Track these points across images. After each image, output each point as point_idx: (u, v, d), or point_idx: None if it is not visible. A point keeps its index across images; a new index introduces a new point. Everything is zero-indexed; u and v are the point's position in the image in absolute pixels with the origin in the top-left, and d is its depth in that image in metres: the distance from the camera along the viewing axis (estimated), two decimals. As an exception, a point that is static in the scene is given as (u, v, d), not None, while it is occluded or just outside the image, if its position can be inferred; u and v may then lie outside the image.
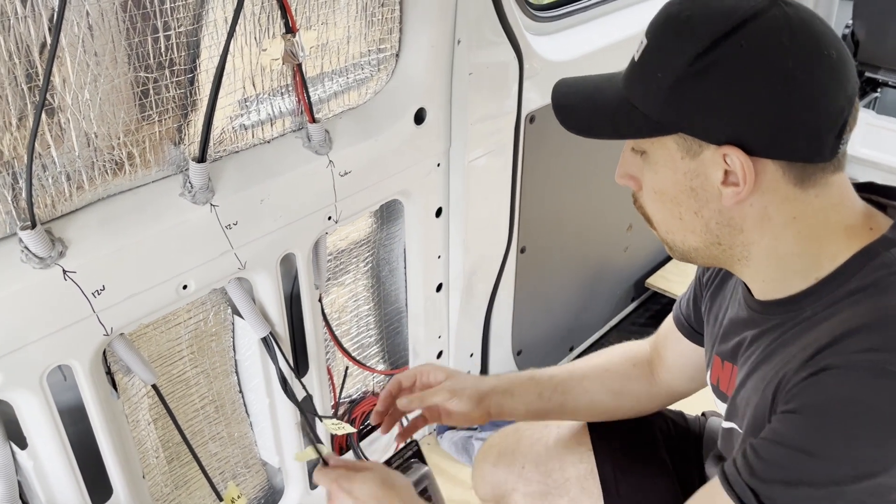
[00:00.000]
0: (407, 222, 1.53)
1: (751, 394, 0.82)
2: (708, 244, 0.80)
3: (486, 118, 1.52)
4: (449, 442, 1.76)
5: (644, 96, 0.76)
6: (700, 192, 0.77)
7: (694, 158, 0.75)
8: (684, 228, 0.80)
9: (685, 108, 0.73)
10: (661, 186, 0.79)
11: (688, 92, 0.72)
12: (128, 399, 1.19)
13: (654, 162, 0.79)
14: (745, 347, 0.86)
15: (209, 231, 1.12)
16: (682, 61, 0.72)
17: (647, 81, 0.75)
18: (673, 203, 0.79)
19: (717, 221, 0.78)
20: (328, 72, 1.27)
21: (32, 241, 0.94)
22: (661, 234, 0.85)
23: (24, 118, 0.91)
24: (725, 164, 0.73)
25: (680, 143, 0.75)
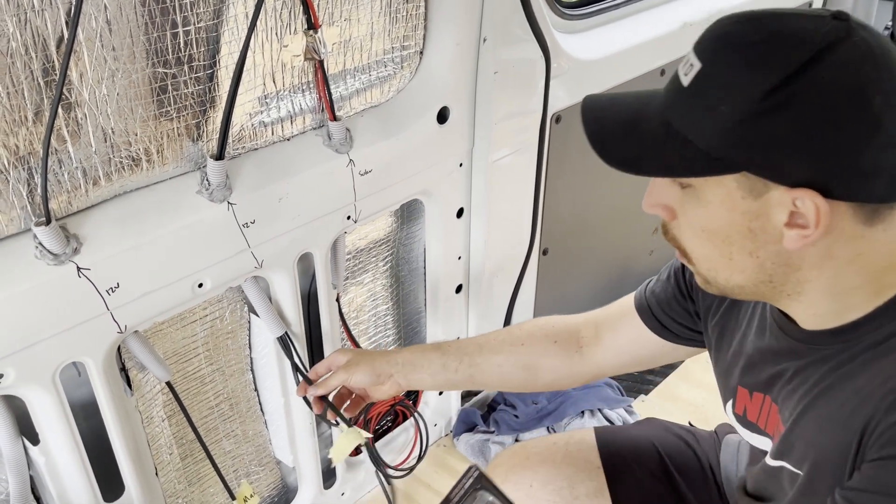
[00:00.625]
0: (427, 222, 1.51)
1: (812, 434, 0.76)
2: (757, 283, 0.75)
3: (511, 117, 1.49)
4: (465, 444, 1.74)
5: (701, 129, 0.68)
6: (759, 234, 0.70)
7: (757, 199, 0.68)
8: (732, 268, 0.74)
9: (754, 147, 0.66)
10: (712, 226, 0.72)
11: (758, 129, 0.65)
12: (142, 396, 1.19)
13: (703, 199, 0.72)
14: (788, 380, 0.81)
15: (226, 229, 1.11)
16: (753, 95, 0.64)
17: (706, 113, 0.67)
18: (724, 243, 0.73)
19: (774, 262, 0.72)
20: (350, 69, 1.24)
21: (47, 238, 0.93)
22: (702, 270, 0.78)
23: (40, 113, 0.90)
24: (794, 206, 0.67)
25: (742, 182, 0.68)
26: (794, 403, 0.80)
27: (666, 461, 1.15)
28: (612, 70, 1.71)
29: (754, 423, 0.89)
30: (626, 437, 1.19)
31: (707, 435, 1.20)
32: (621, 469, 1.15)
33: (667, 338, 1.04)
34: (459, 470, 1.72)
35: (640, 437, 1.19)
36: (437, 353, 1.14)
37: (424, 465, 1.70)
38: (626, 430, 1.23)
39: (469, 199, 1.54)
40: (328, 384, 1.14)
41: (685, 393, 1.95)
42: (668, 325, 1.03)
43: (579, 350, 1.12)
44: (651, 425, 1.24)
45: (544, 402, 1.76)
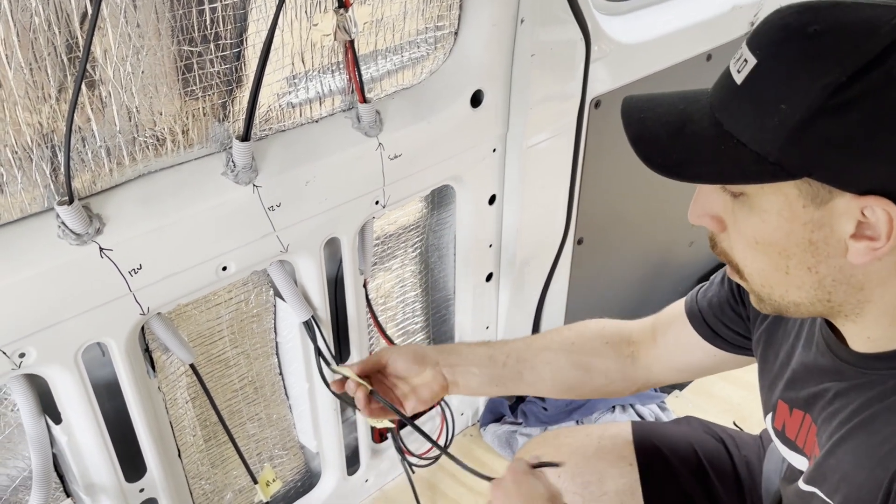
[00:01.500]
0: (458, 209, 1.47)
1: (847, 466, 0.71)
2: (814, 301, 0.68)
3: (548, 102, 1.44)
4: (492, 435, 1.71)
5: (756, 132, 0.62)
6: (821, 246, 0.64)
7: (820, 207, 0.62)
8: (788, 283, 0.68)
9: (817, 150, 0.60)
10: (768, 237, 0.66)
11: (822, 130, 0.59)
12: (166, 377, 1.18)
13: (758, 208, 0.65)
14: (829, 401, 0.75)
15: (251, 212, 1.09)
16: (817, 92, 0.58)
17: (761, 114, 0.61)
18: (781, 256, 0.66)
19: (835, 279, 0.66)
20: (382, 49, 1.21)
21: (69, 217, 0.92)
22: (755, 287, 0.72)
23: (63, 90, 0.88)
24: (862, 215, 0.61)
25: (804, 188, 0.62)
26: (832, 428, 0.74)
27: (704, 464, 1.10)
28: (655, 54, 1.64)
29: (792, 441, 0.84)
30: (663, 435, 1.15)
31: (751, 440, 1.14)
32: (656, 469, 1.11)
33: (718, 345, 0.98)
34: (485, 460, 1.70)
35: (679, 436, 1.15)
36: (484, 347, 1.09)
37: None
38: (664, 428, 1.18)
39: (502, 185, 1.50)
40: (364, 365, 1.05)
41: (721, 390, 1.89)
42: (720, 331, 0.97)
43: (632, 354, 1.07)
44: (691, 425, 1.19)
45: (574, 395, 1.72)
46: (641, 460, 1.12)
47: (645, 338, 1.07)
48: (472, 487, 1.63)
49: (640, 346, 1.07)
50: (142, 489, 1.16)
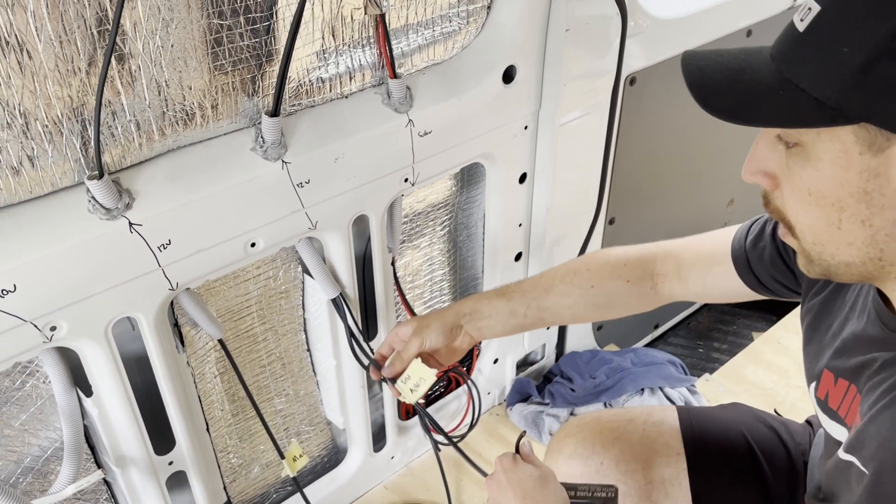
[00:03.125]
0: (488, 187, 1.45)
1: (886, 433, 0.69)
2: (866, 259, 0.67)
3: (582, 78, 1.41)
4: (518, 415, 1.71)
5: (817, 77, 0.61)
6: (876, 197, 0.63)
7: (877, 154, 0.61)
8: (840, 240, 0.67)
9: (878, 94, 0.59)
10: (822, 187, 0.65)
11: (885, 73, 0.58)
12: (194, 352, 1.19)
13: (814, 157, 0.64)
14: (875, 371, 0.74)
15: (280, 189, 1.08)
16: (882, 34, 0.57)
17: (823, 58, 0.61)
18: (834, 208, 0.65)
19: (888, 233, 0.64)
20: (413, 24, 1.18)
21: (100, 192, 0.92)
22: (806, 245, 0.71)
23: (93, 63, 0.88)
24: None
25: (861, 134, 0.61)
26: (875, 397, 0.72)
27: (757, 454, 1.08)
28: (693, 30, 1.59)
29: (834, 411, 0.82)
30: (712, 423, 1.12)
31: (800, 428, 1.11)
32: (706, 459, 1.08)
33: (760, 291, 0.98)
34: (511, 440, 1.68)
35: (729, 424, 1.12)
36: (503, 300, 1.10)
37: (476, 434, 1.67)
38: (712, 415, 1.15)
39: (533, 163, 1.47)
40: (404, 357, 1.08)
41: (752, 375, 1.86)
42: (767, 282, 0.96)
43: (654, 286, 1.07)
44: (739, 411, 1.16)
45: (602, 378, 1.70)
46: (689, 449, 1.09)
47: (669, 270, 1.06)
48: (498, 467, 1.63)
49: (664, 279, 1.06)
50: (171, 462, 1.17)
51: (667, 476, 1.07)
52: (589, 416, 1.20)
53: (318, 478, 1.49)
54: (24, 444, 1.07)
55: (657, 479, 1.07)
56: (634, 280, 1.07)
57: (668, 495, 1.07)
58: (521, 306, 1.09)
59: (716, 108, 0.67)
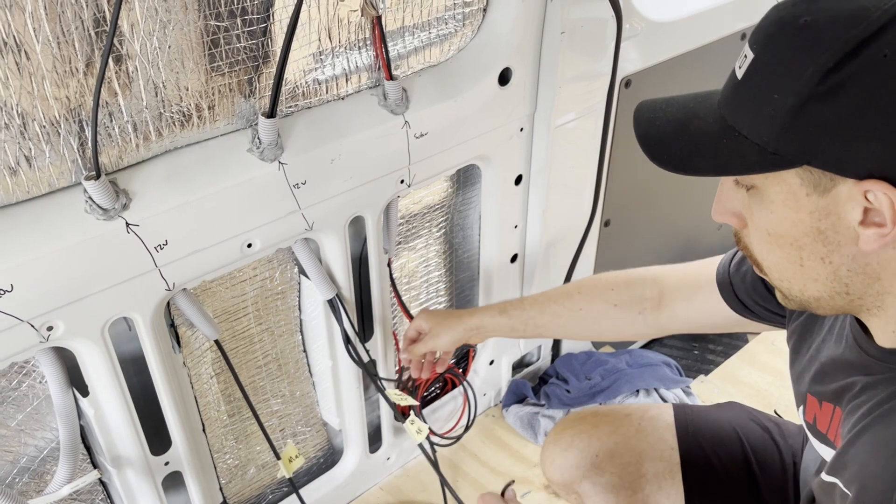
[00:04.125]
0: (484, 189, 1.46)
1: (865, 456, 0.71)
2: (833, 294, 0.68)
3: (577, 81, 1.41)
4: (514, 416, 1.71)
5: (755, 123, 0.63)
6: (830, 235, 0.64)
7: (823, 195, 0.62)
8: (805, 276, 0.68)
9: (812, 136, 0.60)
10: (778, 228, 0.67)
11: (815, 116, 0.59)
12: (191, 353, 1.19)
13: (767, 199, 0.66)
14: (856, 394, 0.75)
15: (276, 190, 1.08)
16: (806, 79, 0.59)
17: (758, 105, 0.62)
18: (792, 247, 0.67)
19: (849, 269, 0.65)
20: (409, 26, 1.19)
21: (97, 192, 0.92)
22: (774, 281, 0.73)
23: (90, 64, 0.88)
24: (867, 200, 0.60)
25: (805, 177, 0.62)
26: (855, 419, 0.74)
27: (748, 453, 1.09)
28: (688, 33, 1.60)
29: (823, 434, 0.83)
30: (707, 421, 1.14)
31: (795, 430, 1.13)
32: (698, 454, 1.10)
33: (747, 316, 1.00)
34: (507, 441, 1.70)
35: (723, 422, 1.14)
36: (505, 318, 1.19)
37: (472, 435, 1.68)
38: (707, 413, 1.18)
39: (529, 165, 1.48)
40: (415, 352, 1.24)
41: (747, 376, 1.86)
42: (751, 306, 0.98)
43: (642, 313, 1.11)
44: (734, 410, 1.18)
45: (598, 379, 1.70)
46: (683, 445, 1.11)
47: (654, 295, 1.10)
48: (494, 468, 1.63)
49: (651, 304, 1.10)
50: (167, 462, 1.17)
51: (660, 469, 1.09)
52: (587, 411, 1.22)
53: (314, 479, 1.50)
54: (21, 445, 1.07)
55: (650, 473, 1.09)
56: (622, 304, 1.12)
57: (661, 488, 1.08)
58: (520, 323, 1.19)
59: (663, 161, 0.69)
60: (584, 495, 1.14)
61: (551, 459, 1.18)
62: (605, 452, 1.12)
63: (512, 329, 1.19)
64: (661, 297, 1.09)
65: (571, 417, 1.21)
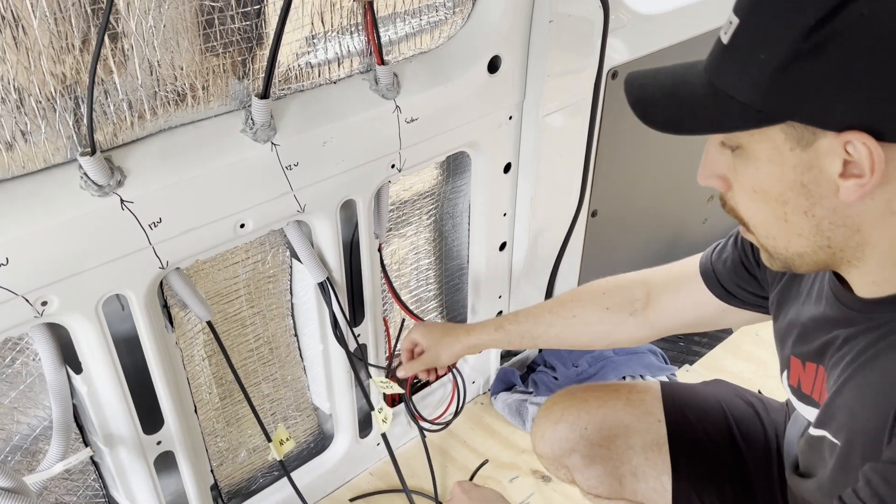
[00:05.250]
0: (473, 176, 1.48)
1: (852, 403, 0.73)
2: (816, 248, 0.71)
3: (565, 70, 1.44)
4: (503, 404, 1.73)
5: (741, 83, 0.66)
6: (812, 188, 0.67)
7: (806, 149, 0.65)
8: (790, 231, 0.71)
9: (796, 93, 0.63)
10: (763, 184, 0.70)
11: (799, 73, 0.62)
12: (183, 333, 1.20)
13: (753, 156, 0.69)
14: (838, 347, 0.77)
15: (269, 170, 1.10)
16: (790, 38, 0.62)
17: (745, 66, 0.65)
18: (777, 202, 0.70)
19: (831, 221, 0.68)
20: (401, 12, 1.21)
21: (92, 168, 0.94)
22: (760, 240, 0.76)
23: (87, 41, 0.90)
24: (846, 152, 0.63)
25: (789, 132, 0.65)
26: (839, 371, 0.76)
27: (732, 426, 1.12)
28: (674, 26, 1.63)
29: (808, 396, 0.85)
30: (693, 395, 1.17)
31: (778, 406, 1.15)
32: (684, 426, 1.13)
33: (732, 303, 1.02)
34: (496, 428, 1.72)
35: (709, 396, 1.17)
36: (501, 334, 1.22)
37: (461, 422, 1.70)
38: (694, 388, 1.21)
39: (517, 154, 1.50)
40: (413, 368, 1.27)
41: (732, 366, 1.89)
42: (735, 291, 1.00)
43: (633, 314, 1.12)
44: (720, 386, 1.21)
45: (585, 366, 1.73)
46: (669, 418, 1.14)
47: (643, 295, 1.12)
48: (483, 454, 1.65)
49: (640, 304, 1.12)
50: (159, 441, 1.18)
51: (647, 441, 1.11)
52: (577, 387, 1.25)
53: (305, 463, 1.51)
54: (14, 422, 1.08)
55: (637, 444, 1.11)
56: (613, 307, 1.14)
57: (648, 459, 1.11)
58: (517, 337, 1.22)
59: (655, 122, 0.72)
60: (572, 468, 1.16)
61: (541, 434, 1.20)
62: (593, 425, 1.15)
63: (508, 343, 1.22)
64: (649, 296, 1.11)
65: (561, 393, 1.24)
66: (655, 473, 1.11)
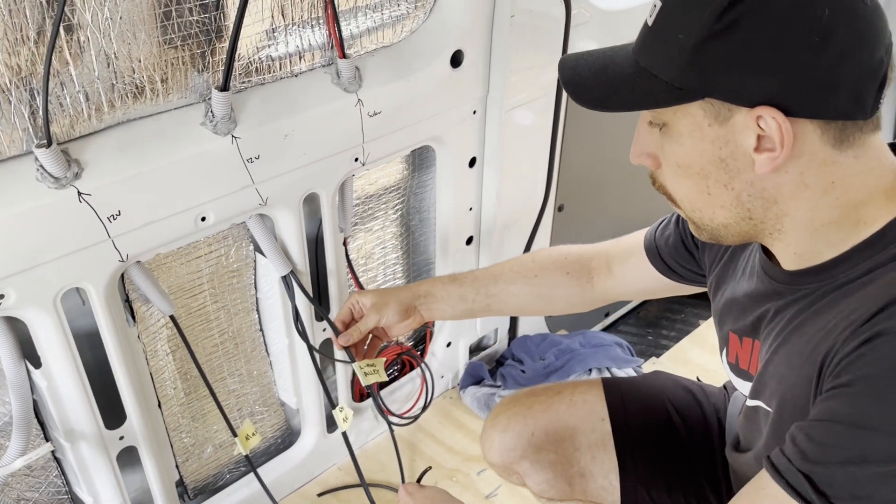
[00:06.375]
0: (438, 170, 1.49)
1: (782, 369, 0.77)
2: (738, 220, 0.75)
3: (528, 66, 1.45)
4: (471, 398, 1.74)
5: (663, 62, 0.70)
6: (730, 162, 0.71)
7: (723, 125, 0.70)
8: (713, 204, 0.75)
9: (711, 70, 0.68)
10: (686, 159, 0.74)
11: (713, 52, 0.67)
12: (146, 328, 1.20)
13: (676, 133, 0.73)
14: (769, 320, 0.81)
15: (230, 163, 1.10)
16: (705, 19, 0.66)
17: (666, 46, 0.70)
18: (699, 176, 0.74)
19: (749, 193, 0.72)
20: (362, 6, 1.22)
21: (48, 160, 0.93)
22: (687, 213, 0.80)
23: (42, 33, 0.89)
24: (759, 127, 0.68)
25: (707, 108, 0.70)
26: (770, 341, 0.80)
27: (673, 415, 1.15)
28: (635, 21, 1.65)
29: (745, 371, 0.88)
30: (634, 389, 1.19)
31: (716, 390, 1.18)
32: (627, 422, 1.14)
33: (671, 277, 1.07)
34: (464, 422, 1.73)
35: (649, 388, 1.19)
36: (455, 286, 1.20)
37: (429, 416, 1.71)
38: (634, 382, 1.23)
39: (482, 148, 1.52)
40: (361, 329, 1.17)
41: (697, 357, 1.92)
42: (675, 267, 1.06)
43: (590, 280, 1.17)
44: (659, 377, 1.23)
45: (552, 359, 1.74)
46: (613, 415, 1.15)
47: (601, 265, 1.16)
48: (451, 447, 1.66)
49: (598, 273, 1.16)
50: (121, 437, 1.18)
51: (592, 440, 1.13)
52: (521, 392, 1.26)
53: (272, 458, 1.51)
54: (-28, 418, 1.07)
55: (584, 445, 1.13)
56: (574, 273, 1.17)
57: (595, 458, 1.13)
58: (471, 292, 1.19)
59: (584, 100, 0.76)
60: (523, 474, 1.17)
61: (490, 443, 1.22)
62: (539, 430, 1.16)
63: (462, 298, 1.19)
64: (607, 266, 1.16)
65: (506, 401, 1.24)
66: (603, 472, 1.13)
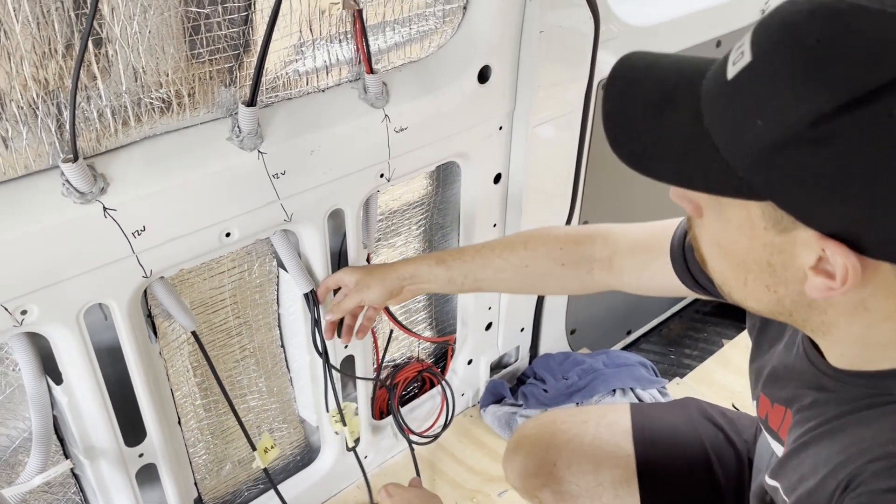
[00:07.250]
0: (463, 186, 1.47)
1: (805, 470, 0.69)
2: (774, 313, 0.65)
3: (555, 82, 1.43)
4: (492, 416, 1.71)
5: (731, 138, 0.55)
6: (779, 270, 0.60)
7: (781, 233, 0.57)
8: (747, 293, 0.65)
9: (787, 178, 0.53)
10: (729, 245, 0.62)
11: (796, 160, 0.52)
12: (167, 344, 1.18)
13: (723, 215, 0.61)
14: (807, 406, 0.73)
15: (256, 179, 1.09)
16: (798, 119, 0.51)
17: (741, 124, 0.54)
18: (740, 268, 0.63)
19: (794, 301, 0.62)
20: (390, 21, 1.21)
21: (74, 175, 0.92)
22: (716, 282, 0.69)
23: (70, 47, 0.88)
24: (823, 252, 0.56)
25: (767, 211, 0.57)
26: (802, 431, 0.73)
27: (701, 455, 1.09)
28: (664, 38, 1.63)
29: (775, 431, 0.84)
30: (663, 424, 1.14)
31: (749, 422, 1.13)
32: (655, 460, 1.10)
33: (697, 291, 0.96)
34: (485, 441, 1.70)
35: (678, 423, 1.14)
36: (443, 268, 1.15)
37: (449, 435, 1.68)
38: (663, 415, 1.18)
39: (508, 164, 1.49)
40: (342, 307, 1.19)
41: (722, 378, 1.88)
42: (703, 282, 0.94)
43: (590, 272, 1.07)
44: (689, 409, 1.18)
45: (575, 379, 1.71)
46: (639, 449, 1.12)
47: (604, 257, 1.06)
48: (472, 467, 1.63)
49: (600, 266, 1.06)
50: (141, 454, 1.16)
51: (616, 477, 1.10)
52: (546, 416, 1.22)
53: (291, 476, 1.49)
54: (-8, 434, 1.06)
55: (607, 481, 1.10)
56: (570, 264, 1.08)
57: (618, 496, 1.10)
58: (459, 276, 1.14)
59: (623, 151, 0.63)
60: (545, 502, 1.15)
61: (512, 468, 1.19)
62: (562, 462, 1.13)
63: (449, 281, 1.13)
64: (611, 259, 1.05)
65: (529, 424, 1.21)
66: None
